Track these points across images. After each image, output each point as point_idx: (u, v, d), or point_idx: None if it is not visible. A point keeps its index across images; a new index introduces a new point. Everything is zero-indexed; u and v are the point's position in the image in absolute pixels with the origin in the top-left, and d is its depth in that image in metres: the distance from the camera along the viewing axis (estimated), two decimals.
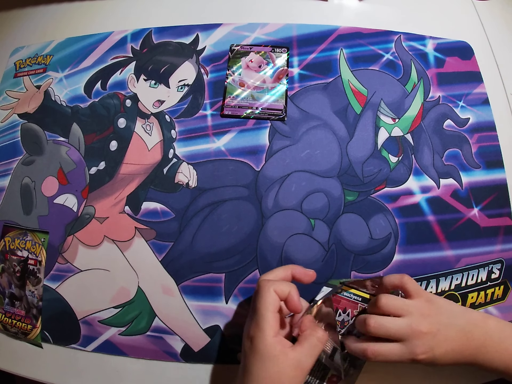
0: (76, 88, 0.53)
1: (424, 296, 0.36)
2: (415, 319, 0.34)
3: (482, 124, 0.49)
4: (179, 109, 0.50)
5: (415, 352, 0.33)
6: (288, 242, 0.45)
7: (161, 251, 0.45)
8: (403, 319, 0.34)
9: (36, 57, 0.56)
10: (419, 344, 0.33)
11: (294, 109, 0.49)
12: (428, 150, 0.48)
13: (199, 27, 0.54)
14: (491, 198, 0.46)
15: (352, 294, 0.40)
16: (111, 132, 0.50)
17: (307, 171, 0.47)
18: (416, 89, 0.50)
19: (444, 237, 0.45)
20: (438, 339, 0.33)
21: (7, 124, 0.53)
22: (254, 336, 0.32)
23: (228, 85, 0.51)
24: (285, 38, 0.53)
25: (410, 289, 0.36)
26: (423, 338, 0.33)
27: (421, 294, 0.36)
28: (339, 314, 0.39)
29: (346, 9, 0.55)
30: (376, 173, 0.47)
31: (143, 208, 0.47)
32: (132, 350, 0.43)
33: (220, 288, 0.44)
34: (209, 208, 0.46)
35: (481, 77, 0.51)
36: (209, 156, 0.48)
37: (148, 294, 0.44)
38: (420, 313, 0.34)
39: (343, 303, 0.40)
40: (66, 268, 0.46)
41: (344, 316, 0.39)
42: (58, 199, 0.48)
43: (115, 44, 0.55)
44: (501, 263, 0.44)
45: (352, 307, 0.39)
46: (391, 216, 0.45)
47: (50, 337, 0.45)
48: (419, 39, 0.53)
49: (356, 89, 0.50)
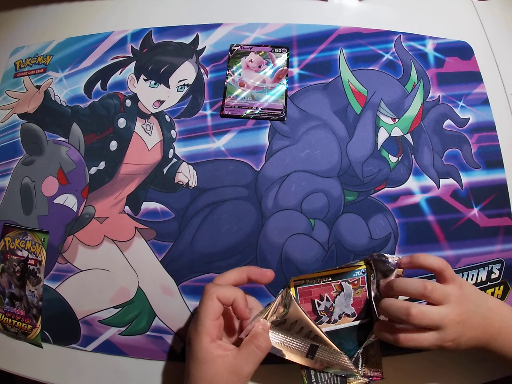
0: (76, 88, 0.53)
1: (458, 282, 0.35)
2: (453, 309, 0.34)
3: (482, 124, 0.49)
4: (179, 109, 0.50)
5: (446, 339, 0.33)
6: (288, 242, 0.45)
7: (161, 251, 0.45)
8: (444, 308, 0.34)
9: (36, 57, 0.56)
10: (451, 332, 0.33)
11: (294, 109, 0.49)
12: (428, 150, 0.48)
13: (199, 27, 0.54)
14: (491, 198, 0.46)
15: (317, 278, 0.37)
16: (111, 132, 0.50)
17: (307, 171, 0.47)
18: (416, 89, 0.50)
19: (444, 237, 0.45)
20: (465, 327, 0.34)
21: (7, 124, 0.53)
22: (192, 340, 0.33)
23: (228, 85, 0.51)
24: (285, 38, 0.53)
25: (448, 275, 0.35)
26: (456, 327, 0.33)
27: (456, 280, 0.35)
28: (318, 304, 0.37)
29: (346, 9, 0.55)
30: (376, 173, 0.47)
31: (143, 208, 0.47)
32: (132, 350, 0.43)
33: None
34: (209, 208, 0.46)
35: (481, 77, 0.51)
36: (209, 156, 0.48)
37: (148, 294, 0.44)
38: (457, 301, 0.34)
39: (315, 291, 0.37)
40: (66, 268, 0.46)
41: (324, 303, 0.37)
42: (58, 199, 0.48)
43: (115, 44, 0.55)
44: (501, 263, 0.44)
45: (326, 290, 0.37)
46: (391, 216, 0.45)
47: (50, 337, 0.45)
48: (419, 39, 0.53)
49: (356, 89, 0.50)
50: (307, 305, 0.37)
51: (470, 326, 0.34)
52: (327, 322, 0.38)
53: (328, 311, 0.37)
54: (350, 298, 0.38)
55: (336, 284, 0.38)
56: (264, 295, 0.43)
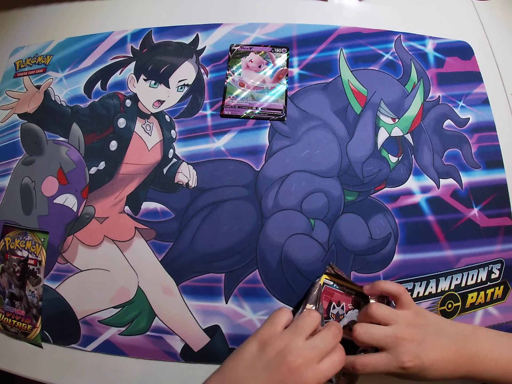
0: (76, 88, 0.53)
1: (414, 308, 0.36)
2: (400, 328, 0.35)
3: (482, 124, 0.49)
4: (179, 109, 0.50)
5: (401, 359, 0.33)
6: (288, 242, 0.45)
7: (161, 251, 0.45)
8: (389, 327, 0.35)
9: (36, 57, 0.56)
10: (403, 351, 0.33)
11: (294, 109, 0.49)
12: (428, 150, 0.48)
13: (199, 27, 0.54)
14: (491, 198, 0.46)
15: (344, 287, 0.40)
16: (111, 132, 0.50)
17: (307, 171, 0.47)
18: (416, 89, 0.50)
19: (444, 237, 0.45)
20: (424, 347, 0.34)
21: (7, 124, 0.53)
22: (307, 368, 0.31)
23: (228, 85, 0.51)
24: (285, 38, 0.53)
25: (404, 300, 0.36)
26: (407, 345, 0.34)
27: (412, 307, 0.36)
28: (333, 307, 0.40)
29: (346, 9, 0.55)
30: (376, 173, 0.47)
31: (143, 208, 0.47)
32: (132, 350, 0.43)
33: (220, 288, 0.44)
34: (209, 208, 0.46)
35: (481, 77, 0.51)
36: (209, 156, 0.48)
37: (148, 294, 0.44)
38: (406, 323, 0.35)
39: (336, 296, 0.40)
40: (66, 268, 0.46)
41: (338, 309, 0.40)
42: (58, 199, 0.48)
43: (115, 44, 0.55)
44: (501, 263, 0.44)
45: (346, 300, 0.40)
46: (391, 216, 0.45)
47: (50, 337, 0.45)
48: (419, 39, 0.53)
49: (356, 89, 0.50)
50: (324, 303, 0.41)
51: (432, 346, 0.34)
52: None
53: (338, 317, 0.40)
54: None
55: (356, 299, 0.40)
56: (264, 295, 0.43)
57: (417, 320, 0.35)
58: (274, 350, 0.32)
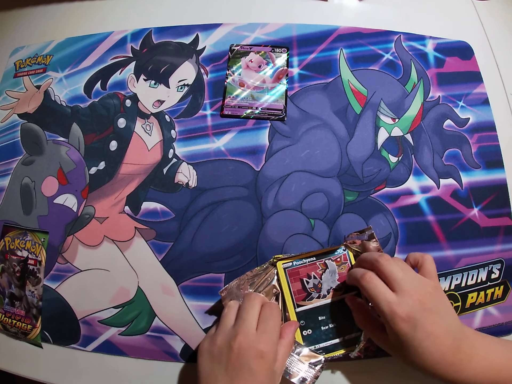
0: (76, 88, 0.53)
1: (436, 282, 0.34)
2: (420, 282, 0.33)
3: (482, 124, 0.49)
4: (179, 109, 0.50)
5: (399, 307, 0.31)
6: (288, 242, 0.45)
7: (161, 251, 0.45)
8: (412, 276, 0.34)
9: (36, 57, 0.56)
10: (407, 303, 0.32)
11: (294, 109, 0.49)
12: (428, 150, 0.48)
13: (199, 27, 0.54)
14: (491, 198, 0.46)
15: (302, 259, 0.41)
16: (111, 132, 0.50)
17: (307, 171, 0.47)
18: (416, 89, 0.50)
19: (444, 237, 0.45)
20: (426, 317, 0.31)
21: (7, 124, 0.53)
22: (268, 352, 0.32)
23: (228, 85, 0.51)
24: (285, 38, 0.53)
25: (428, 268, 0.35)
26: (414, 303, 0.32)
27: (434, 277, 0.35)
28: (307, 282, 0.41)
29: (346, 9, 0.55)
30: (376, 173, 0.47)
31: (143, 208, 0.47)
32: (132, 350, 0.43)
33: (220, 288, 0.44)
34: (209, 208, 0.46)
35: (481, 77, 0.51)
36: (209, 156, 0.48)
37: (148, 294, 0.44)
38: (419, 298, 0.32)
39: (303, 271, 0.41)
40: (66, 268, 0.46)
41: (312, 280, 0.41)
42: (58, 199, 0.48)
43: (115, 44, 0.55)
44: (501, 263, 0.44)
45: (312, 269, 0.41)
46: (391, 216, 0.45)
47: (50, 337, 0.45)
48: (419, 39, 0.53)
49: (356, 89, 0.50)
50: (297, 284, 0.41)
51: (433, 323, 0.31)
52: (317, 298, 0.40)
53: (317, 287, 0.41)
54: (335, 274, 0.41)
55: (320, 263, 0.41)
56: None
57: (435, 292, 0.33)
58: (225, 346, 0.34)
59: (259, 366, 0.32)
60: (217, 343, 0.34)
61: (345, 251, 0.42)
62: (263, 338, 0.33)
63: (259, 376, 0.31)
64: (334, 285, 0.41)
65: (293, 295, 0.40)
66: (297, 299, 0.40)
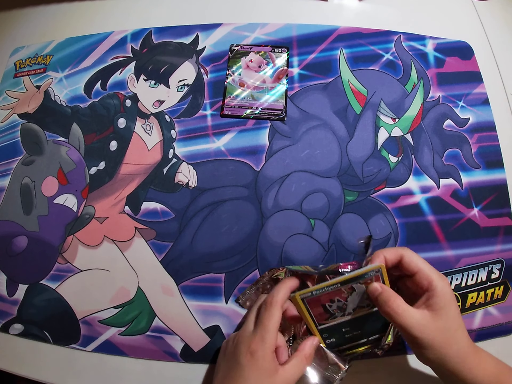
0: (76, 88, 0.53)
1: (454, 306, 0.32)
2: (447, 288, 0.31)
3: (482, 124, 0.49)
4: (179, 109, 0.50)
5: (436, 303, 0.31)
6: (288, 242, 0.45)
7: (161, 251, 0.45)
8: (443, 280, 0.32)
9: (36, 57, 0.56)
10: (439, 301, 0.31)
11: (294, 109, 0.49)
12: (428, 150, 0.48)
13: (199, 27, 0.54)
14: (491, 198, 0.46)
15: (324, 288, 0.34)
16: (111, 132, 0.50)
17: (307, 171, 0.47)
18: (416, 89, 0.50)
19: (444, 237, 0.45)
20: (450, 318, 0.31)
21: (7, 124, 0.53)
22: (257, 349, 0.33)
23: (228, 85, 0.51)
24: (285, 38, 0.53)
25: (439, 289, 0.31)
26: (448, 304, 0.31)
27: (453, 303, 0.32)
28: (330, 306, 0.35)
29: (346, 9, 0.55)
30: (376, 173, 0.47)
31: (143, 208, 0.47)
32: (132, 350, 0.43)
33: (220, 288, 0.44)
34: (209, 208, 0.46)
35: (481, 77, 0.51)
36: (209, 156, 0.48)
37: (148, 294, 0.44)
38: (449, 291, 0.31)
39: (325, 298, 0.34)
40: (66, 268, 0.46)
41: (336, 303, 0.35)
42: (58, 199, 0.48)
43: (115, 44, 0.55)
44: (501, 263, 0.44)
45: (336, 294, 0.34)
46: (391, 216, 0.45)
47: (50, 337, 0.45)
48: (419, 39, 0.53)
49: (356, 89, 0.50)
50: (318, 309, 0.35)
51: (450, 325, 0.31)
52: (341, 316, 0.36)
53: (341, 308, 0.35)
54: (364, 295, 0.35)
55: (346, 287, 0.34)
56: None
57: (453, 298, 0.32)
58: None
59: (247, 361, 0.33)
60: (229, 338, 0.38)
61: (378, 273, 0.34)
62: (256, 338, 0.34)
63: (246, 372, 0.33)
64: (362, 303, 0.35)
65: (314, 319, 0.35)
66: (318, 319, 0.35)
